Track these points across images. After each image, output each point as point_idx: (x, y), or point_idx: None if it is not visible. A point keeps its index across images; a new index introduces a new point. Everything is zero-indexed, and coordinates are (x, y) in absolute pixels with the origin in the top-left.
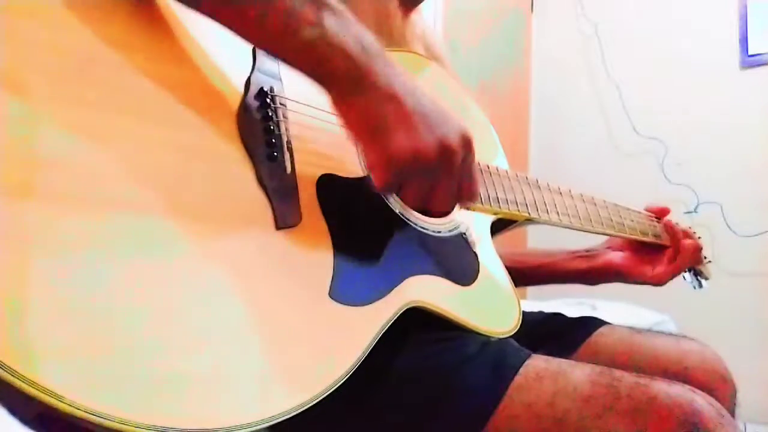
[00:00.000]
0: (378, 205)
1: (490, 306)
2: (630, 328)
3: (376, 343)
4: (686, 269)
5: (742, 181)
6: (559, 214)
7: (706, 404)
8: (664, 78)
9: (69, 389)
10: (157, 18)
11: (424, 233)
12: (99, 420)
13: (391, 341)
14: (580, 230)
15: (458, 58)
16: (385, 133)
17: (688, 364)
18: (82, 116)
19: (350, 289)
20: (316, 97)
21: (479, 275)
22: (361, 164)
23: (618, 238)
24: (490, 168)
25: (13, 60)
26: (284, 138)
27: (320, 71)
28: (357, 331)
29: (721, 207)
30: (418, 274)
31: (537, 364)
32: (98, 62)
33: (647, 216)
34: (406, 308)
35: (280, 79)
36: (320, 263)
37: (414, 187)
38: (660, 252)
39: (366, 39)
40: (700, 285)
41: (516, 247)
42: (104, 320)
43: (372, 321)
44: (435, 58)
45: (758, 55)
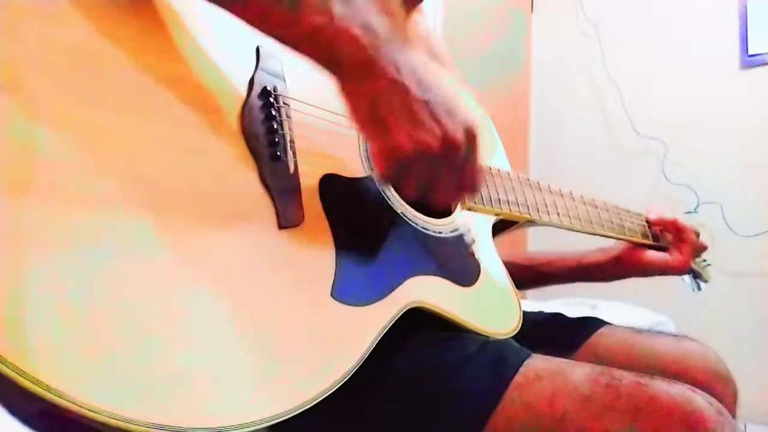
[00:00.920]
0: (380, 205)
1: (490, 307)
2: (630, 328)
3: (377, 344)
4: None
5: (742, 181)
6: (560, 215)
7: (706, 403)
8: (664, 78)
9: (69, 386)
10: (159, 16)
11: (426, 234)
12: (96, 416)
13: (392, 341)
14: (580, 232)
15: (458, 58)
16: (389, 123)
17: (689, 364)
18: (82, 114)
19: (352, 289)
20: (320, 97)
21: (480, 276)
22: (363, 164)
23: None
24: (492, 169)
25: (12, 57)
26: (287, 137)
27: (326, 58)
28: (358, 331)
29: (721, 207)
30: (420, 274)
31: (537, 364)
32: (99, 59)
33: (643, 219)
34: (407, 308)
35: (283, 78)
36: (322, 263)
37: (415, 178)
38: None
39: (375, 24)
40: (699, 288)
41: (514, 248)
42: (103, 317)
43: (373, 321)
44: (438, 58)
45: (758, 55)
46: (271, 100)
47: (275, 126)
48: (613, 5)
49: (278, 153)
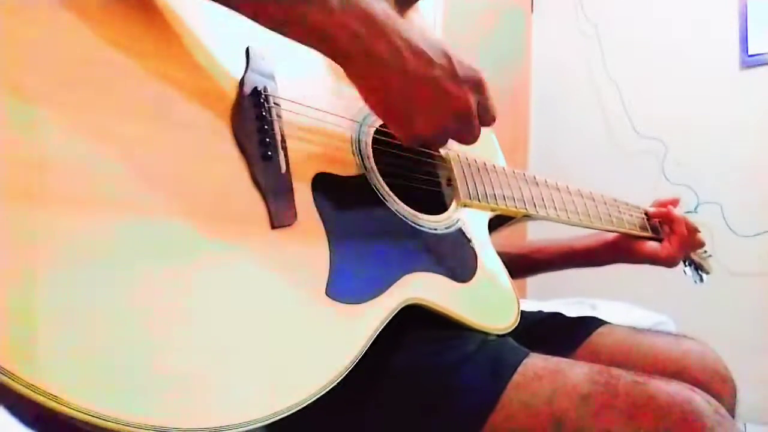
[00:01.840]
0: (374, 202)
1: (488, 302)
2: (629, 327)
3: (374, 342)
4: (686, 261)
5: (742, 181)
6: (557, 209)
7: (704, 402)
8: (664, 78)
9: (67, 391)
10: (153, 19)
11: (421, 230)
12: (97, 421)
13: (390, 339)
14: (578, 226)
15: None
16: (407, 113)
17: (688, 363)
18: (79, 117)
19: (347, 286)
20: (310, 97)
21: (477, 271)
22: (356, 163)
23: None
24: (487, 165)
25: (11, 62)
26: (278, 137)
27: (330, 51)
28: (354, 329)
29: (721, 207)
30: (415, 271)
31: (535, 363)
32: (95, 63)
33: (642, 212)
34: (403, 305)
35: (273, 78)
36: (316, 261)
37: (436, 146)
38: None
39: (375, 12)
40: (701, 279)
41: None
42: (103, 322)
43: (369, 318)
44: None
45: (758, 55)
46: (262, 100)
47: (266, 126)
48: (613, 5)
49: (269, 153)
